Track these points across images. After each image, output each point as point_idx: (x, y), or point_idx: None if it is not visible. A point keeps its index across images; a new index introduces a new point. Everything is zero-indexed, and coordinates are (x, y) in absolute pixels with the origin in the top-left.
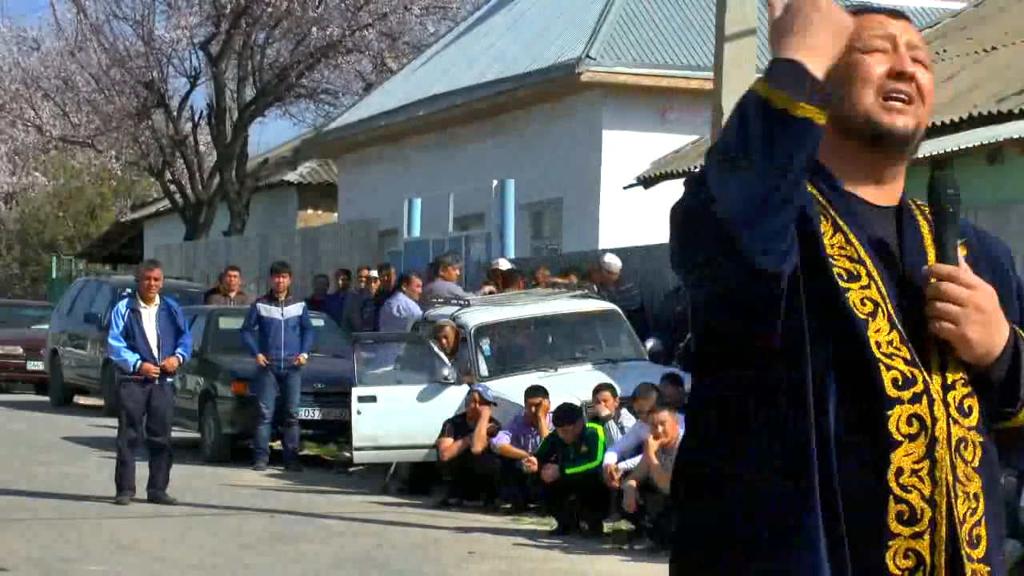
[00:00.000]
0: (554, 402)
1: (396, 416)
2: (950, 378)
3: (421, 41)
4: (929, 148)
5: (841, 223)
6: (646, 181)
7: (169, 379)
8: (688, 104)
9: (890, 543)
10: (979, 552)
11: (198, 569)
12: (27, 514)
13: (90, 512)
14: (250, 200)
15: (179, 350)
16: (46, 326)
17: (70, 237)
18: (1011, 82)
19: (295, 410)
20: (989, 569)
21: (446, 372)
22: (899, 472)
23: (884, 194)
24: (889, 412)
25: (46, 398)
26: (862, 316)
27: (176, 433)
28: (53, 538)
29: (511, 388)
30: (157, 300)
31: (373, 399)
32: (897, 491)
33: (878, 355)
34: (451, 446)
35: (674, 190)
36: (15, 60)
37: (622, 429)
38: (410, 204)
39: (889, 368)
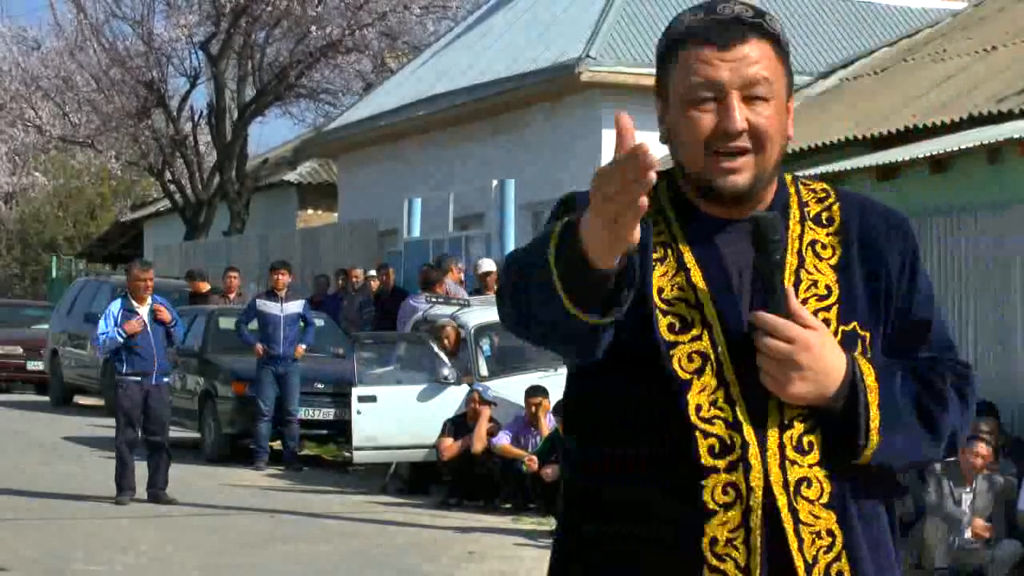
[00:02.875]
0: (554, 402)
1: (396, 416)
2: (788, 415)
3: (421, 41)
4: (929, 148)
5: (688, 259)
6: None
7: (165, 379)
8: None
9: None
10: None
11: (198, 569)
12: (27, 514)
13: (90, 512)
14: (250, 200)
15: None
16: (46, 326)
17: (70, 237)
18: (1011, 82)
19: (294, 409)
20: None
21: (446, 372)
22: (713, 542)
23: (748, 210)
24: (704, 482)
25: (46, 398)
26: (685, 377)
27: (176, 433)
28: (53, 538)
29: (511, 388)
30: (149, 300)
31: (373, 399)
32: (712, 560)
33: (695, 421)
34: (451, 446)
35: None
36: (15, 60)
37: None
38: (410, 204)
39: (707, 435)
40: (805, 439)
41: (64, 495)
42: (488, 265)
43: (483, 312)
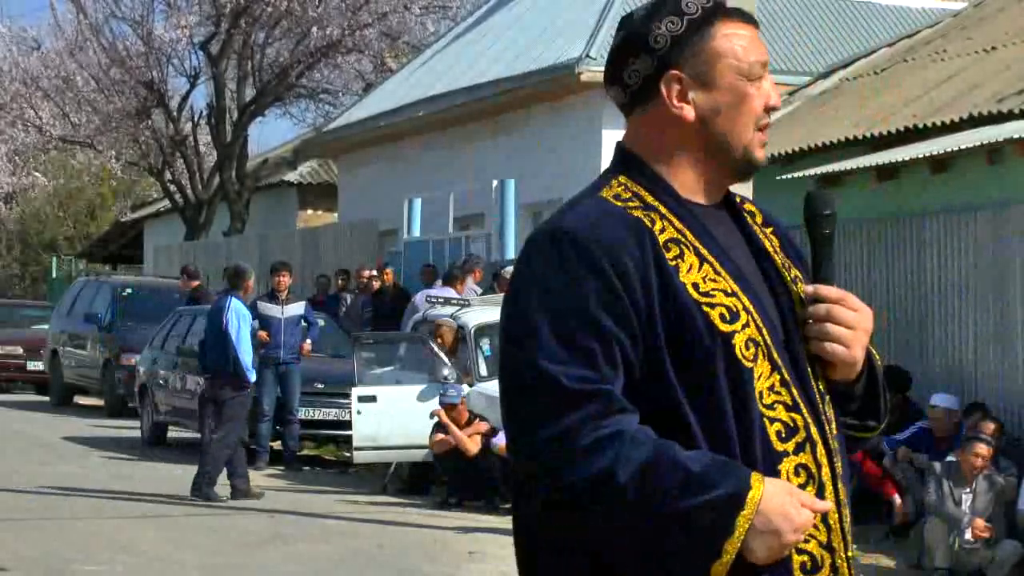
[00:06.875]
0: None
1: (396, 416)
2: (825, 388)
3: (421, 41)
4: (929, 148)
5: (704, 251)
6: None
7: None
8: None
9: None
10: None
11: (198, 569)
12: (27, 514)
13: (90, 512)
14: (250, 200)
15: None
16: (46, 326)
17: (70, 237)
18: (1011, 82)
19: (295, 409)
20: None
21: (446, 372)
22: None
23: (712, 195)
24: (779, 467)
25: (46, 398)
26: (748, 365)
27: (176, 433)
28: (53, 538)
29: None
30: None
31: (373, 399)
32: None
33: (761, 408)
34: (441, 439)
35: None
36: (15, 60)
37: None
38: (410, 204)
39: (773, 421)
40: (829, 411)
41: (64, 495)
42: None
43: (483, 312)
